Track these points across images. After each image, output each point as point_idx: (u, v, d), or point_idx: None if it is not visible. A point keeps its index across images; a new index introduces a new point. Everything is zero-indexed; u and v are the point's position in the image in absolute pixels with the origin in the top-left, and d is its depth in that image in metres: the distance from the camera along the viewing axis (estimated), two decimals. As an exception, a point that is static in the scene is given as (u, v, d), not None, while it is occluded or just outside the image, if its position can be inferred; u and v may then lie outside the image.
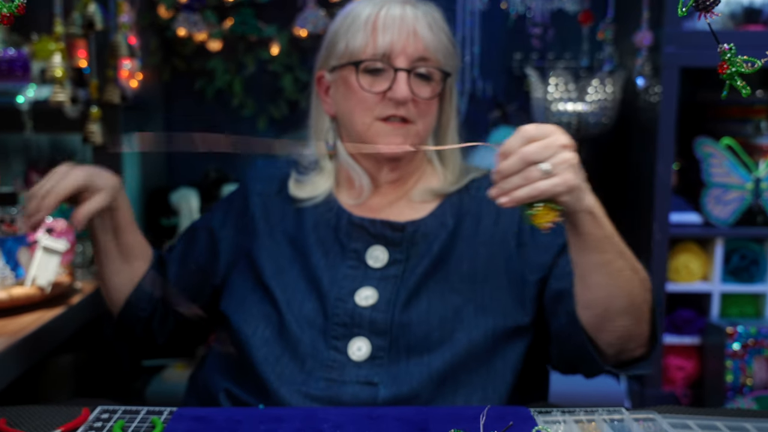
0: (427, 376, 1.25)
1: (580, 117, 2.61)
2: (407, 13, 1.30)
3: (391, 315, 1.26)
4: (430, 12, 1.34)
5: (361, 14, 1.33)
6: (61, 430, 1.00)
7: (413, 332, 1.26)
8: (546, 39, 2.79)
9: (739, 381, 2.39)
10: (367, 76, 1.31)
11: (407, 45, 1.29)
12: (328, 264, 1.32)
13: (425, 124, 1.34)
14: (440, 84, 1.34)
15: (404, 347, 1.26)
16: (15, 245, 1.87)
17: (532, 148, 1.02)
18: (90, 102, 2.15)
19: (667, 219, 2.43)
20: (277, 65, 2.95)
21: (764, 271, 2.49)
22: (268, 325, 1.30)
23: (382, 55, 1.29)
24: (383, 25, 1.29)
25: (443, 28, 1.35)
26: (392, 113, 1.30)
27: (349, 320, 1.27)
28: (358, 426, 1.02)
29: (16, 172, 2.65)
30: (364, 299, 1.28)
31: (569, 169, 1.02)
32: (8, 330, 1.63)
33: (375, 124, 1.31)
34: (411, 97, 1.29)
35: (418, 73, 1.30)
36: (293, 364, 1.27)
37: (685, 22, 2.38)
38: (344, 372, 1.25)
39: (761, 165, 2.46)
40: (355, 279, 1.30)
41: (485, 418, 1.01)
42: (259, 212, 1.40)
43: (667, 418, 1.05)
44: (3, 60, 2.22)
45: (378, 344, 1.26)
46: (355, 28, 1.32)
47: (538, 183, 1.01)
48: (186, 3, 2.83)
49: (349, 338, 1.26)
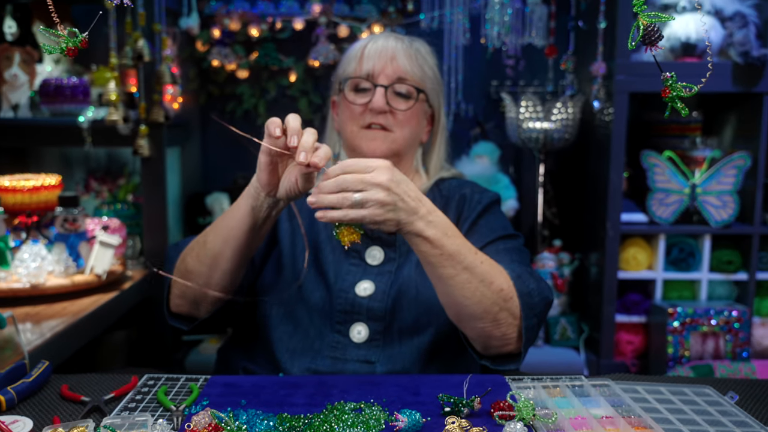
0: (417, 355, 1.25)
1: (546, 133, 2.60)
2: (389, 44, 1.34)
3: (386, 304, 1.26)
4: (414, 45, 1.37)
5: (356, 47, 1.38)
6: (114, 394, 1.00)
7: (404, 318, 1.26)
8: (518, 69, 2.79)
9: (678, 353, 2.39)
10: (355, 93, 1.34)
11: (386, 67, 1.32)
12: (334, 260, 1.31)
13: (403, 133, 1.34)
14: (418, 101, 1.34)
15: (397, 330, 1.26)
16: (77, 240, 1.87)
17: (348, 178, 1.01)
18: (139, 121, 2.15)
19: (618, 218, 2.43)
20: (294, 90, 2.96)
21: (699, 261, 2.49)
22: (282, 307, 1.30)
23: (367, 75, 1.33)
24: (368, 54, 1.34)
25: (425, 59, 1.37)
26: (373, 121, 1.32)
27: (350, 308, 1.27)
28: (361, 390, 1.02)
29: (78, 179, 2.65)
30: (363, 290, 1.28)
31: (377, 206, 1.01)
32: (70, 311, 1.63)
33: (360, 131, 1.33)
34: (387, 108, 1.31)
35: (396, 91, 1.32)
36: (303, 344, 1.27)
37: (633, 54, 2.38)
38: (346, 352, 1.25)
39: (696, 173, 2.46)
40: (356, 274, 1.30)
41: (468, 384, 1.01)
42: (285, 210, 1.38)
43: (619, 384, 1.05)
44: (67, 86, 2.22)
45: (375, 328, 1.26)
46: (351, 57, 1.37)
47: (348, 210, 1.01)
48: (219, 39, 2.83)
49: (351, 323, 1.27)
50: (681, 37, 2.37)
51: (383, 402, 0.98)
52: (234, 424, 0.84)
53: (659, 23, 0.71)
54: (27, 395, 0.99)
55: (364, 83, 1.33)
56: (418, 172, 1.43)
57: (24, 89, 2.24)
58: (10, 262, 1.76)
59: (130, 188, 2.53)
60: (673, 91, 0.72)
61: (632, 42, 0.71)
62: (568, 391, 1.00)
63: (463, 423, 0.87)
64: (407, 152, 1.38)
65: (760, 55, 2.28)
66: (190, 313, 1.27)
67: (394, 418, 0.89)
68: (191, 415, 0.91)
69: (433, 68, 1.39)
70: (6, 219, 1.85)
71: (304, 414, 0.93)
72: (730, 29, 2.35)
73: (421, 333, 1.26)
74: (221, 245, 1.16)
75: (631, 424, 0.89)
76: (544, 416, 0.89)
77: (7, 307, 1.49)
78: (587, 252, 2.69)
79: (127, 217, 2.32)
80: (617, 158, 2.40)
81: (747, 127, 2.47)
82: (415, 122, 1.36)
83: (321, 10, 2.77)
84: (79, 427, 0.83)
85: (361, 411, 0.94)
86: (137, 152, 2.14)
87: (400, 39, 1.37)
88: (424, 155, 1.44)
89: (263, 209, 1.11)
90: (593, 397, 0.98)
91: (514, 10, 2.55)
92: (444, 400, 0.94)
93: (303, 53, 2.88)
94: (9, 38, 2.32)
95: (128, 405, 0.97)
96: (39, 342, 1.40)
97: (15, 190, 1.87)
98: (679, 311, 2.38)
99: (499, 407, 0.92)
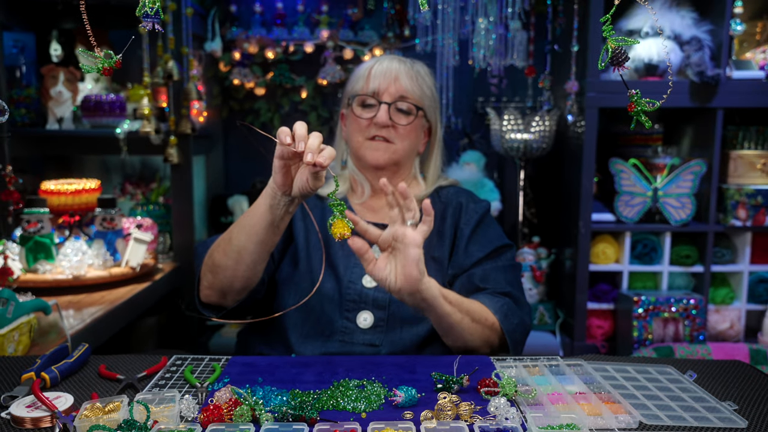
0: (416, 340, 1.24)
1: (526, 143, 2.60)
2: (393, 66, 1.33)
3: (388, 294, 1.24)
4: (415, 67, 1.36)
5: (363, 67, 1.37)
6: (146, 373, 1.00)
7: (405, 307, 1.25)
8: (501, 86, 2.79)
9: (643, 336, 2.38)
10: (362, 108, 1.33)
11: (390, 87, 1.31)
12: (344, 254, 1.31)
13: (403, 145, 1.33)
14: (417, 117, 1.34)
15: (399, 319, 1.25)
16: (114, 237, 1.87)
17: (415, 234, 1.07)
18: (169, 132, 2.15)
19: (589, 218, 2.42)
20: (305, 105, 2.95)
21: (661, 255, 2.49)
22: (296, 296, 1.29)
23: (372, 93, 1.32)
24: (374, 74, 1.33)
25: (424, 79, 1.36)
26: (376, 134, 1.31)
27: (358, 297, 1.26)
28: (364, 369, 1.02)
29: (115, 183, 2.65)
30: (369, 282, 1.27)
31: (409, 265, 1.06)
32: (108, 299, 1.63)
33: (365, 142, 1.33)
34: (390, 123, 1.31)
35: (398, 108, 1.32)
36: (315, 329, 1.26)
37: (602, 74, 2.37)
38: (354, 336, 1.24)
39: (658, 178, 2.45)
40: (363, 267, 1.26)
41: (457, 364, 1.00)
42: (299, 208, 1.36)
43: (591, 364, 1.05)
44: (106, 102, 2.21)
45: (379, 316, 1.25)
46: (359, 76, 1.36)
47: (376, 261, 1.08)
48: (239, 60, 2.83)
49: (358, 311, 1.26)
50: (644, 59, 2.37)
51: (383, 379, 0.97)
52: (252, 399, 0.83)
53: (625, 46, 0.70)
54: (69, 374, 0.99)
55: (370, 100, 1.32)
56: (416, 178, 1.42)
57: (68, 104, 2.24)
58: (55, 256, 1.76)
59: (161, 191, 2.53)
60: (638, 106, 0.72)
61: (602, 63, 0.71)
62: (545, 369, 1.00)
63: (454, 398, 0.86)
64: (406, 162, 1.37)
65: (713, 74, 2.28)
66: (219, 302, 1.25)
67: (393, 394, 0.88)
68: (214, 391, 0.91)
69: (431, 87, 1.38)
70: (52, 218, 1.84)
71: (313, 390, 0.92)
72: (688, 52, 2.35)
73: (420, 323, 1.26)
74: (245, 240, 1.15)
75: (601, 399, 0.88)
76: (525, 392, 0.88)
77: (52, 296, 1.48)
78: (562, 247, 2.68)
79: (159, 217, 2.32)
80: (588, 165, 2.39)
81: (702, 138, 2.46)
82: (414, 135, 1.35)
83: (328, 36, 2.76)
84: (115, 402, 0.82)
85: (363, 387, 0.93)
86: (167, 160, 2.14)
87: (402, 61, 1.35)
88: (422, 164, 1.44)
89: (280, 206, 1.10)
90: (568, 375, 0.98)
91: (497, 35, 2.54)
92: (436, 378, 0.94)
93: (313, 73, 2.88)
94: (55, 60, 2.32)
95: (158, 382, 0.97)
96: (80, 327, 1.40)
97: (59, 192, 1.86)
98: (643, 299, 2.38)
99: (485, 384, 0.91)
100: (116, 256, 1.85)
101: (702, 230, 2.43)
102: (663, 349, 2.28)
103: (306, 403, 0.86)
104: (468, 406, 0.84)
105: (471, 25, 2.55)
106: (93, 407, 0.81)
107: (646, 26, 2.41)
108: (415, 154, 1.40)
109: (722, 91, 2.32)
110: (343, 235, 0.97)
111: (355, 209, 1.36)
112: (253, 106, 2.95)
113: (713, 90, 2.32)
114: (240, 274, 1.18)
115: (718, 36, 2.35)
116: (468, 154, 2.80)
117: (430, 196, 1.38)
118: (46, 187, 1.88)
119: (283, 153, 1.03)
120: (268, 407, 0.84)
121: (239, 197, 2.83)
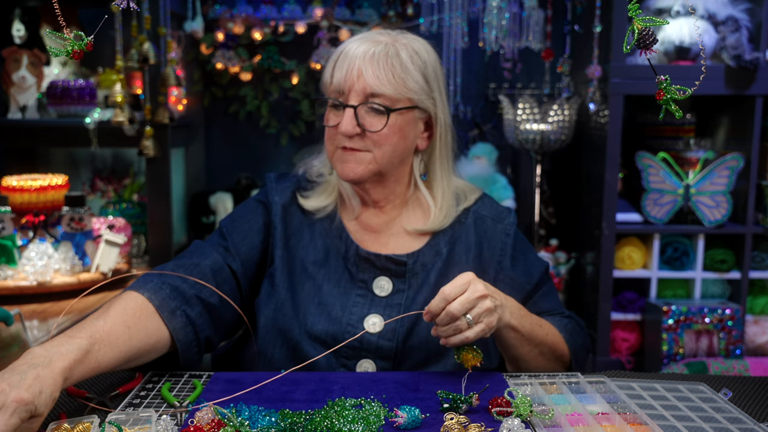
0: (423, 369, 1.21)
1: (543, 135, 2.60)
2: (359, 53, 1.17)
3: (395, 343, 1.18)
4: (391, 51, 1.18)
5: (334, 53, 1.23)
6: (120, 391, 1.00)
7: (414, 356, 1.20)
8: (515, 71, 2.79)
9: (673, 350, 2.38)
10: (331, 110, 1.22)
11: (354, 84, 1.16)
12: (339, 292, 1.22)
13: (382, 152, 1.18)
14: (400, 114, 1.18)
15: (405, 368, 1.20)
16: (83, 239, 1.87)
17: (455, 306, 1.03)
18: (144, 122, 2.15)
19: (614, 218, 2.42)
20: (296, 92, 2.95)
21: (693, 260, 2.49)
22: (281, 340, 1.21)
23: (338, 92, 1.19)
24: (339, 65, 1.19)
25: (406, 66, 1.17)
26: (344, 144, 1.19)
27: (358, 344, 1.18)
28: (362, 387, 1.02)
29: (84, 179, 2.65)
30: (372, 326, 1.19)
31: (488, 315, 1.05)
32: (76, 308, 1.63)
33: (336, 152, 1.21)
34: (356, 131, 1.17)
35: (371, 107, 1.17)
36: None
37: (628, 57, 2.38)
38: None
39: (690, 174, 2.46)
40: (363, 306, 1.21)
41: (466, 381, 1.01)
42: (280, 223, 1.26)
43: (615, 381, 1.05)
44: (74, 88, 2.22)
45: (382, 366, 1.19)
46: (328, 65, 1.23)
47: (466, 332, 1.04)
48: (222, 42, 2.83)
49: (358, 359, 1.19)
50: (675, 41, 2.37)
51: (383, 398, 0.98)
52: (236, 420, 0.83)
53: (654, 27, 0.71)
54: (34, 391, 0.99)
55: (336, 99, 1.19)
56: (418, 200, 1.29)
57: (32, 91, 2.24)
58: (17, 261, 1.76)
59: (135, 188, 2.53)
60: (668, 93, 0.72)
61: (627, 45, 0.71)
62: (564, 387, 1.00)
63: (462, 419, 0.87)
64: (391, 170, 1.22)
65: (752, 58, 2.28)
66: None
67: (394, 414, 0.89)
68: (195, 410, 0.91)
69: (423, 72, 1.20)
70: (14, 218, 1.85)
71: (305, 410, 0.92)
72: (723, 33, 2.35)
73: (429, 366, 1.21)
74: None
75: (626, 421, 0.88)
76: (541, 412, 0.89)
77: (14, 305, 1.48)
78: (583, 251, 2.68)
79: (132, 217, 2.32)
80: (612, 159, 2.39)
81: (739, 129, 2.46)
82: (396, 138, 1.19)
83: (323, 14, 2.76)
84: (85, 422, 0.82)
85: (361, 407, 0.93)
86: (142, 153, 2.14)
87: (377, 42, 1.18)
88: (428, 163, 1.28)
89: None
90: (589, 393, 0.98)
91: (511, 14, 2.54)
92: (443, 397, 0.94)
93: (305, 56, 2.88)
94: (17, 41, 2.32)
95: (133, 401, 0.97)
96: (45, 339, 1.40)
97: (22, 189, 1.87)
98: (674, 309, 2.38)
99: (497, 403, 0.92)
100: (85, 260, 1.86)
101: (739, 232, 2.44)
102: (695, 365, 2.28)
103: (297, 425, 0.87)
104: (478, 428, 0.84)
105: (482, 3, 2.55)
106: (60, 428, 0.81)
107: (676, 4, 2.41)
108: (405, 157, 1.24)
109: (761, 76, 2.32)
110: (475, 366, 1.05)
111: (349, 230, 1.26)
112: (239, 93, 2.96)
113: (752, 75, 2.32)
114: (143, 361, 1.06)
115: (757, 15, 2.35)
116: (478, 147, 2.80)
117: (452, 225, 1.26)
118: (8, 184, 1.88)
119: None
120: (254, 429, 0.84)
121: (222, 194, 2.84)
